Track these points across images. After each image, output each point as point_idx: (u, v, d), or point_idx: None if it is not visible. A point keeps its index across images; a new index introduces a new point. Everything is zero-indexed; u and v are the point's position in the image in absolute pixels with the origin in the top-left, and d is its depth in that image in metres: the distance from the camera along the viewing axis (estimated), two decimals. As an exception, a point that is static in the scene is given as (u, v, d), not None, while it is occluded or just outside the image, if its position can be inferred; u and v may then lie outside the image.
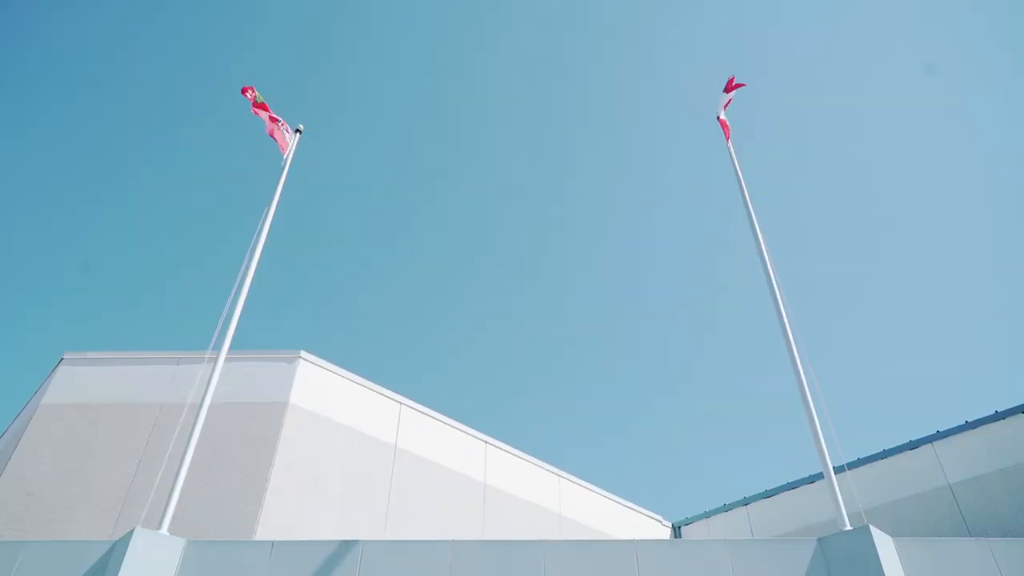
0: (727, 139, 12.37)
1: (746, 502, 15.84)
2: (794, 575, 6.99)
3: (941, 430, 13.68)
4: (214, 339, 9.74)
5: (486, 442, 14.34)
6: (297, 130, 12.56)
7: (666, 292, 54.28)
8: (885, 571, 6.73)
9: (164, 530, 7.62)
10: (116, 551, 7.32)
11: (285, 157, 12.00)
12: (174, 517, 10.08)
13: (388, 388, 13.30)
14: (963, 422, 13.60)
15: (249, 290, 10.16)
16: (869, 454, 14.41)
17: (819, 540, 7.22)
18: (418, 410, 13.56)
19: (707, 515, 16.47)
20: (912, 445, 13.93)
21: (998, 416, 13.13)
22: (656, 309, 54.17)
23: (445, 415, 13.97)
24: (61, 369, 12.24)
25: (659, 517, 16.83)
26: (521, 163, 51.72)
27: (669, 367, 55.12)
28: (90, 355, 12.42)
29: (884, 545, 7.02)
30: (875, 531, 7.03)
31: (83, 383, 12.00)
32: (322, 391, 12.21)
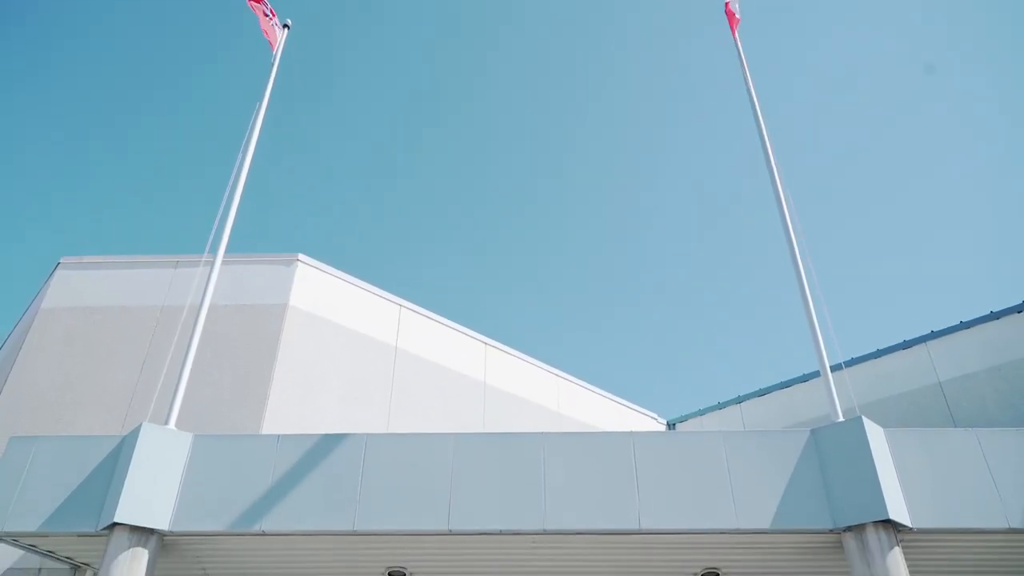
0: (733, 31, 11.83)
1: (740, 400, 16.21)
2: (787, 464, 7.20)
3: (935, 330, 13.82)
4: (210, 241, 9.65)
5: (485, 343, 14.52)
6: (285, 25, 12.05)
7: (665, 189, 53.83)
8: (875, 459, 6.93)
9: (171, 425, 7.78)
10: (126, 445, 7.51)
11: (274, 53, 11.61)
12: (180, 415, 10.31)
13: (387, 291, 13.34)
14: (958, 322, 13.72)
15: (247, 195, 10.00)
16: (863, 353, 14.63)
17: (812, 431, 7.40)
18: (418, 312, 13.64)
19: (701, 413, 16.90)
20: (905, 345, 14.11)
21: (993, 316, 13.23)
22: (656, 206, 53.88)
23: (444, 317, 14.09)
24: (58, 274, 12.20)
25: (654, 415, 17.29)
26: (520, 58, 50.13)
27: (667, 269, 55.41)
28: (87, 259, 12.36)
29: (875, 435, 7.20)
30: (867, 422, 7.19)
31: (81, 287, 12.00)
32: (321, 293, 12.23)
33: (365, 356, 12.35)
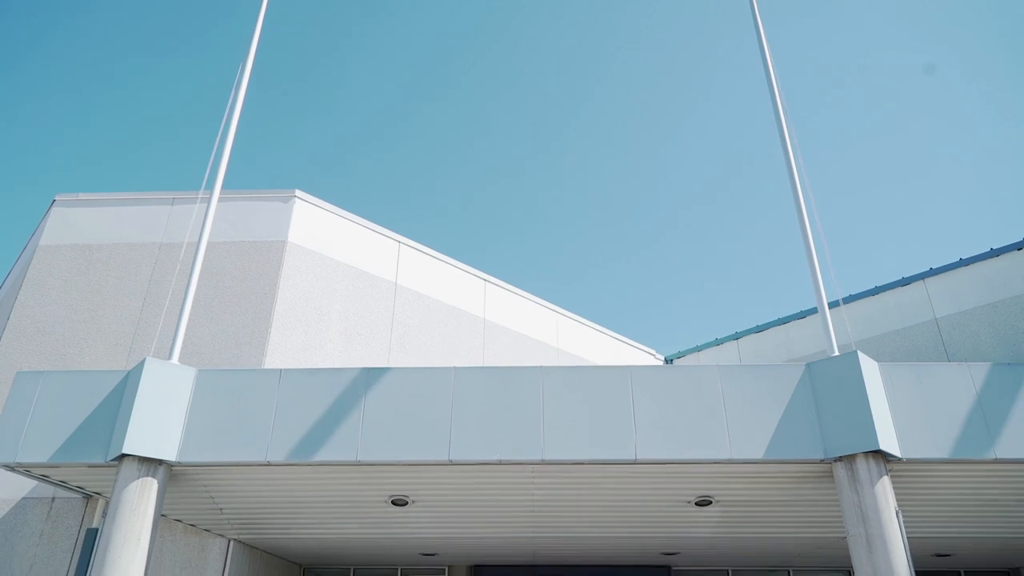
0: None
1: (737, 336, 16.36)
2: (781, 397, 7.33)
3: (934, 267, 13.84)
4: (206, 177, 9.56)
5: (485, 279, 14.56)
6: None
7: (664, 125, 53.03)
8: (868, 392, 7.05)
9: (175, 360, 7.88)
10: (131, 379, 7.62)
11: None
12: (183, 351, 10.45)
13: (386, 228, 13.30)
14: (957, 259, 13.73)
15: (244, 135, 9.83)
16: (861, 290, 14.69)
17: (807, 365, 7.49)
18: (417, 248, 13.63)
19: (698, 349, 17.08)
20: (904, 282, 14.15)
21: (993, 253, 13.23)
22: (655, 143, 53.20)
23: (443, 252, 14.10)
24: (55, 211, 12.13)
25: (652, 351, 17.48)
26: (519, -5, 48.59)
27: (667, 207, 55.09)
28: (82, 196, 12.27)
29: (869, 369, 7.30)
30: (862, 356, 7.28)
31: (79, 225, 11.95)
32: (320, 230, 12.19)
33: (365, 293, 12.40)
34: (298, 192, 12.05)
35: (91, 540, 9.45)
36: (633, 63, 50.82)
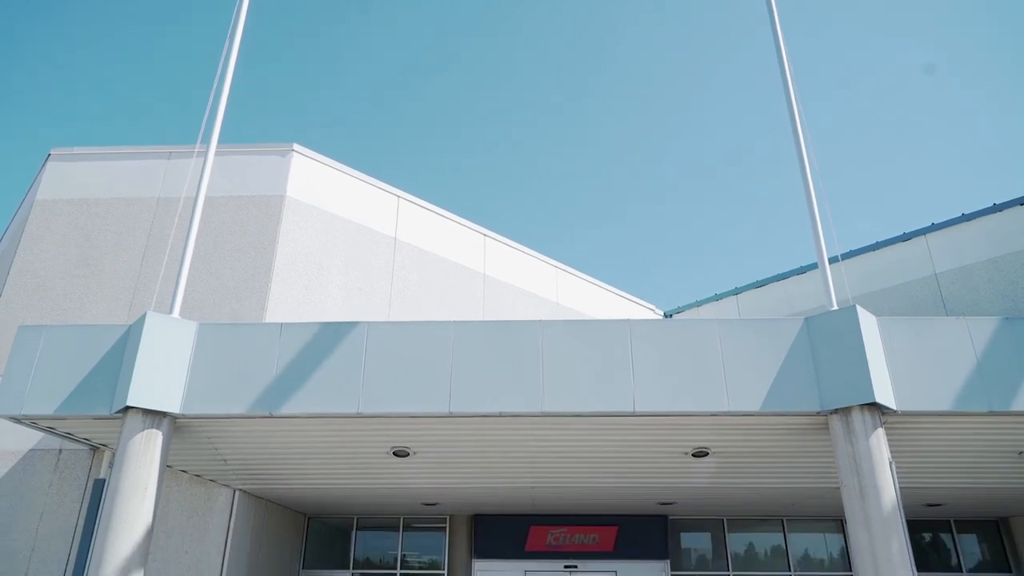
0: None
1: (736, 292, 16.40)
2: (779, 350, 7.38)
3: (936, 222, 13.79)
4: (202, 130, 9.43)
5: (485, 235, 14.52)
6: None
7: (665, 80, 52.20)
8: (866, 345, 7.09)
9: (175, 314, 7.90)
10: (132, 333, 7.66)
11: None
12: (184, 305, 10.47)
13: (386, 182, 13.20)
14: (959, 214, 13.67)
15: (242, 89, 9.66)
16: (862, 245, 14.67)
17: (806, 319, 7.53)
18: (416, 203, 13.56)
19: (698, 304, 17.14)
20: (905, 237, 14.11)
21: (996, 208, 13.16)
22: (656, 97, 52.44)
23: (443, 208, 14.03)
24: (50, 166, 12.03)
25: (652, 306, 17.55)
26: (519, -58, 47.26)
27: (668, 163, 54.59)
28: (77, 151, 12.15)
29: (868, 323, 7.33)
30: (860, 310, 7.30)
31: (75, 179, 11.86)
32: (319, 184, 12.10)
33: (365, 248, 12.38)
34: (296, 146, 11.93)
35: (99, 490, 9.62)
36: (636, 22, 49.72)
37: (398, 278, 12.68)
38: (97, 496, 9.59)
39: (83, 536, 9.41)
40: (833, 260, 13.99)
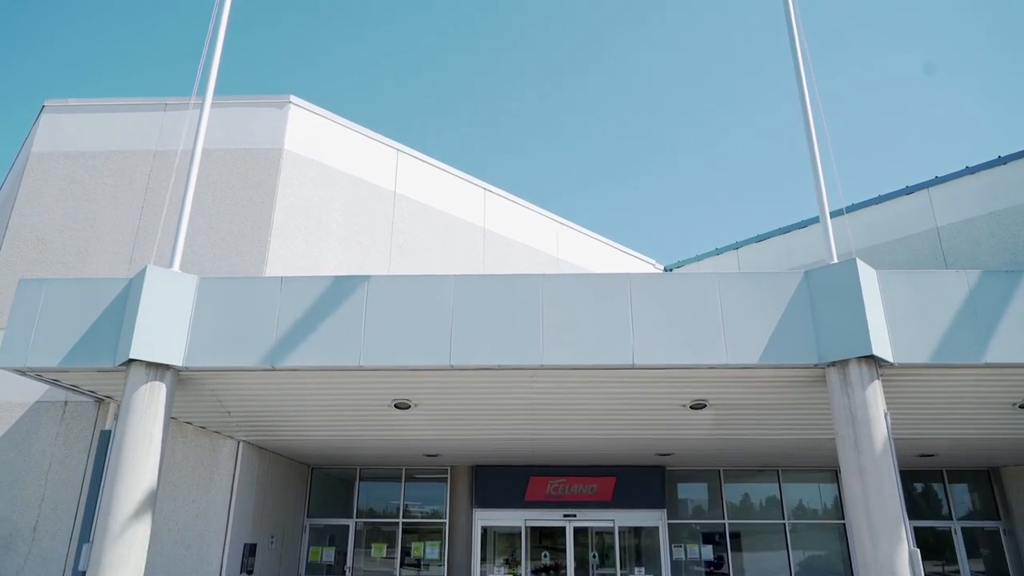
0: None
1: (737, 246, 16.36)
2: (778, 303, 7.40)
3: (940, 175, 13.67)
4: (197, 81, 9.27)
5: (485, 189, 14.42)
6: None
7: (667, 32, 51.15)
8: (865, 298, 7.10)
9: (175, 268, 7.90)
10: (133, 287, 7.67)
11: None
12: (183, 260, 10.46)
13: (385, 136, 13.05)
14: (963, 167, 13.55)
15: (238, 41, 9.45)
16: (864, 199, 14.57)
17: (806, 272, 7.52)
18: (416, 157, 13.42)
19: (698, 258, 17.12)
20: (908, 190, 14.01)
21: (1000, 161, 13.03)
22: (658, 49, 51.49)
23: (443, 163, 13.89)
24: (45, 117, 11.87)
25: (652, 260, 17.53)
26: None
27: (670, 115, 53.89)
28: (72, 102, 11.97)
29: (867, 276, 7.33)
30: (860, 263, 7.30)
31: (70, 132, 11.72)
32: (317, 137, 11.96)
33: (364, 202, 12.31)
34: (293, 98, 11.75)
35: (106, 441, 9.79)
36: (639, -40, 48.41)
37: (398, 232, 12.64)
38: (105, 447, 9.76)
39: (92, 486, 9.62)
40: (835, 214, 13.92)
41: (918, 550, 6.66)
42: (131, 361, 7.30)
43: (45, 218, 11.14)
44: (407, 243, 12.74)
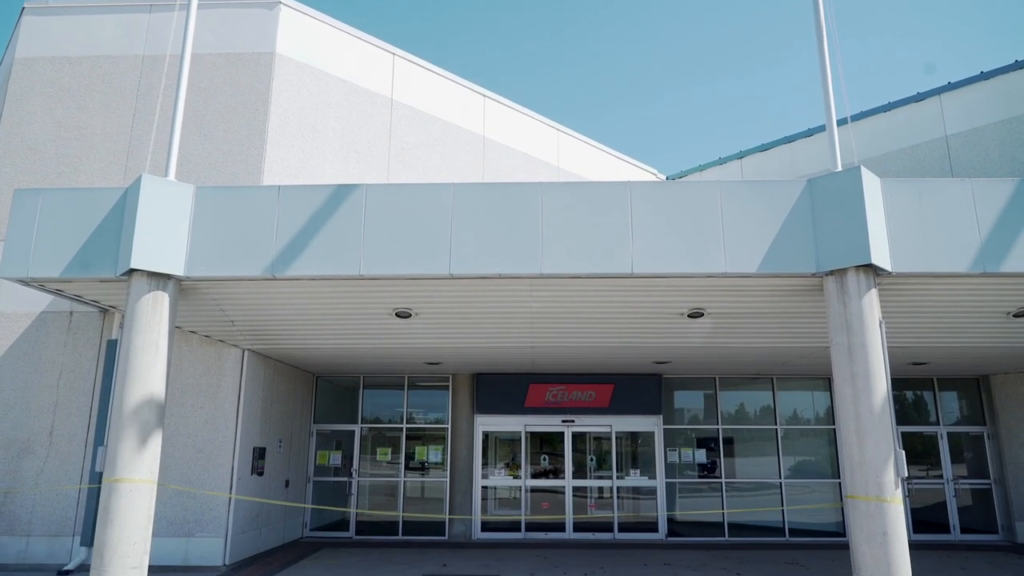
0: None
1: (741, 155, 16.11)
2: (779, 212, 7.34)
3: (952, 81, 13.29)
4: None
5: (484, 95, 14.06)
6: None
7: (683, -65, 48.53)
8: (867, 207, 7.05)
9: (171, 177, 7.81)
10: (129, 197, 7.61)
11: None
12: (179, 169, 10.33)
13: (380, 39, 12.60)
14: (978, 72, 13.15)
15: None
16: (872, 107, 14.23)
17: (808, 180, 7.43)
18: (413, 62, 13.02)
19: (701, 168, 16.90)
20: (919, 97, 13.65)
21: (1017, 65, 12.63)
22: (670, -44, 49.01)
23: (441, 68, 13.49)
24: (26, 20, 11.44)
25: (654, 170, 17.31)
26: None
27: (674, 20, 51.88)
28: (53, 4, 11.51)
29: (871, 184, 7.24)
30: (865, 171, 7.19)
31: (54, 35, 11.32)
32: (310, 41, 11.56)
33: (360, 109, 12.03)
34: (283, -1, 11.28)
35: (114, 350, 9.98)
36: None
37: (396, 140, 12.42)
38: (113, 354, 9.96)
39: (103, 392, 9.87)
40: (842, 122, 13.62)
41: (903, 451, 6.89)
42: (132, 271, 7.33)
43: (35, 127, 10.93)
44: (405, 151, 12.54)
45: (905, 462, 6.82)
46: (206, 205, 7.68)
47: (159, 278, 7.43)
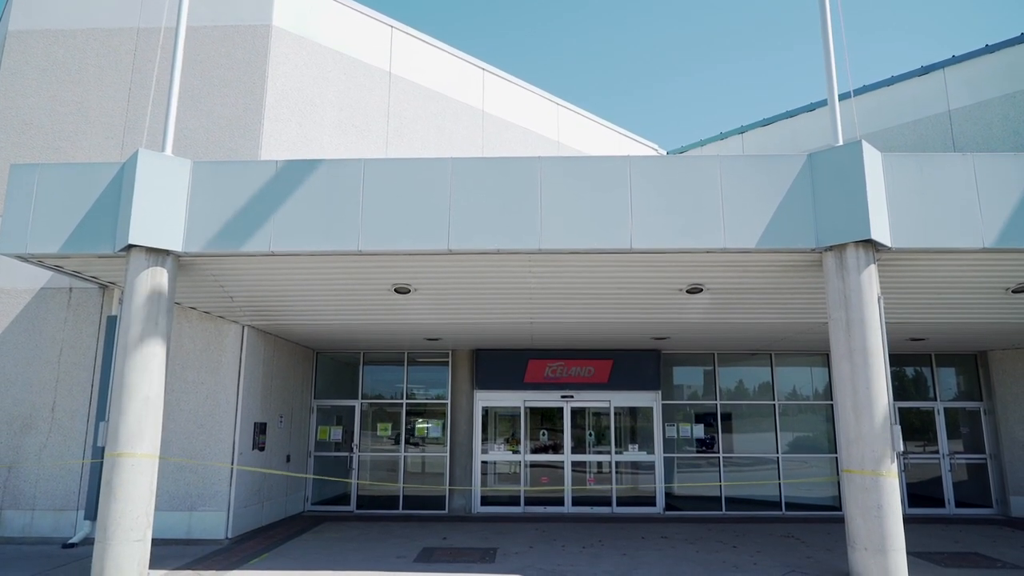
0: None
1: (742, 130, 15.99)
2: (780, 187, 7.31)
3: (957, 54, 13.14)
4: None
5: (483, 69, 13.92)
6: None
7: (686, -95, 47.69)
8: (867, 182, 7.01)
9: (168, 152, 7.76)
10: (126, 172, 7.57)
11: None
12: (177, 143, 10.27)
13: (378, 11, 12.45)
14: (983, 46, 12.99)
15: None
16: (876, 80, 14.09)
17: (809, 155, 7.38)
18: (411, 35, 12.87)
19: (702, 143, 16.78)
20: (923, 71, 13.51)
21: (1022, 39, 12.48)
22: (673, -73, 48.24)
23: (440, 40, 13.34)
24: (20, -8, 11.28)
25: (655, 145, 17.20)
26: None
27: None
28: (46, -25, 11.33)
29: (871, 159, 7.19)
30: (866, 146, 7.14)
31: (47, 8, 11.17)
32: (308, 13, 11.41)
33: (359, 83, 11.91)
34: (279, -30, 11.10)
35: (114, 326, 10.00)
36: None
37: (394, 115, 12.32)
38: (112, 332, 9.98)
39: (104, 367, 9.91)
40: (844, 97, 13.50)
41: (899, 426, 6.93)
42: (131, 247, 7.32)
43: (30, 101, 10.83)
44: (403, 126, 12.45)
45: (901, 437, 6.86)
46: (203, 180, 7.65)
47: (157, 254, 7.42)
